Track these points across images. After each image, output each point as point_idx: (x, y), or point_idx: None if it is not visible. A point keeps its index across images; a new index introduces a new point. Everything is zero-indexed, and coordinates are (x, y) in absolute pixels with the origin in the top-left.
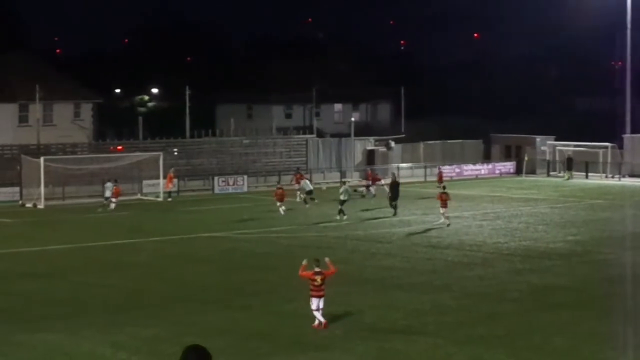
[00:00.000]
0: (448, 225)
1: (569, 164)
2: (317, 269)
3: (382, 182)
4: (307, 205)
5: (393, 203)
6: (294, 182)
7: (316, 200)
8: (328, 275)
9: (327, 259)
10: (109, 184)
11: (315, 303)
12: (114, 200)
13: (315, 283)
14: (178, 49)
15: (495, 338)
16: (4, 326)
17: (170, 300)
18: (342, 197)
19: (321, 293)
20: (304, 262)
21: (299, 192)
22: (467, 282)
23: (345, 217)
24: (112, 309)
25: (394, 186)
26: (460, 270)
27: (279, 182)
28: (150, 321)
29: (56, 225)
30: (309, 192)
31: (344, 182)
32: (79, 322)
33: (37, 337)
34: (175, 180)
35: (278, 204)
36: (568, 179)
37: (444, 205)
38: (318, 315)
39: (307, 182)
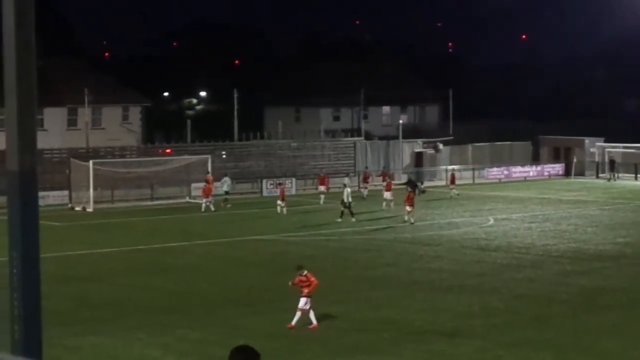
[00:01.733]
0: (412, 223)
1: (612, 166)
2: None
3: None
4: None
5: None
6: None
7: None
8: (313, 280)
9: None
10: (226, 179)
11: (307, 302)
12: (206, 200)
13: (304, 284)
14: (226, 52)
15: (544, 340)
16: (54, 329)
17: (219, 303)
18: (347, 200)
19: (305, 293)
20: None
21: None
22: (515, 284)
23: (340, 220)
24: (161, 311)
25: (412, 185)
26: (508, 273)
27: (280, 184)
28: (199, 324)
29: (105, 228)
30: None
31: (345, 185)
32: (128, 325)
33: (87, 340)
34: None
35: (280, 202)
36: (610, 180)
37: (411, 204)
38: (301, 315)
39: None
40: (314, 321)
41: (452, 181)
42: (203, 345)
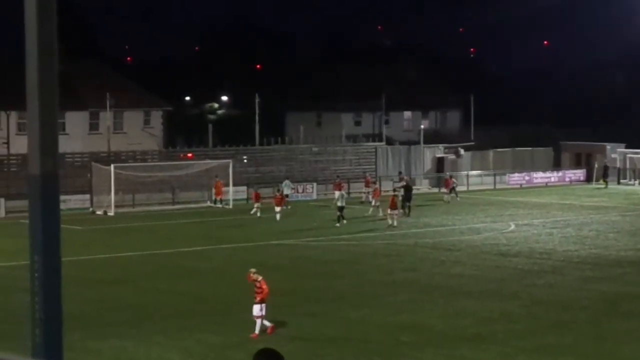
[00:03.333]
0: (394, 226)
1: (605, 172)
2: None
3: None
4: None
5: (406, 204)
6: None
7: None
8: (264, 288)
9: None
10: (287, 182)
11: (262, 309)
12: (256, 205)
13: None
14: (248, 56)
15: (564, 346)
16: (75, 332)
17: (239, 307)
18: (339, 204)
19: (258, 300)
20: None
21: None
22: (536, 290)
23: (344, 222)
24: (181, 315)
25: (407, 189)
26: (529, 278)
27: (279, 190)
28: (218, 327)
29: (126, 232)
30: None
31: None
32: (148, 328)
33: (107, 343)
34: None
35: (277, 209)
36: (605, 187)
37: (394, 207)
38: (262, 321)
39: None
40: (257, 330)
41: (446, 186)
42: (223, 348)
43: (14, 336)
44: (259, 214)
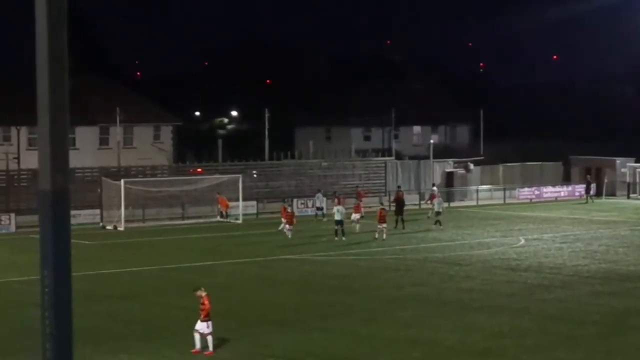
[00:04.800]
0: (383, 239)
1: (588, 187)
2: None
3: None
4: (441, 227)
5: (398, 217)
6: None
7: (441, 227)
8: (206, 304)
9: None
10: (319, 195)
11: (208, 326)
12: (284, 221)
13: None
14: (258, 71)
15: None
16: (86, 347)
17: (248, 322)
18: (337, 218)
19: (202, 317)
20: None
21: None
22: (546, 304)
23: (344, 238)
24: (191, 329)
25: (399, 201)
26: (539, 293)
27: (290, 205)
28: (228, 343)
29: (136, 247)
30: (438, 214)
31: (338, 202)
32: (158, 343)
33: (117, 357)
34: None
35: (287, 226)
36: (587, 202)
37: (383, 220)
38: (198, 339)
39: (439, 201)
40: (210, 347)
41: (431, 199)
42: None
43: (25, 350)
44: (287, 232)
